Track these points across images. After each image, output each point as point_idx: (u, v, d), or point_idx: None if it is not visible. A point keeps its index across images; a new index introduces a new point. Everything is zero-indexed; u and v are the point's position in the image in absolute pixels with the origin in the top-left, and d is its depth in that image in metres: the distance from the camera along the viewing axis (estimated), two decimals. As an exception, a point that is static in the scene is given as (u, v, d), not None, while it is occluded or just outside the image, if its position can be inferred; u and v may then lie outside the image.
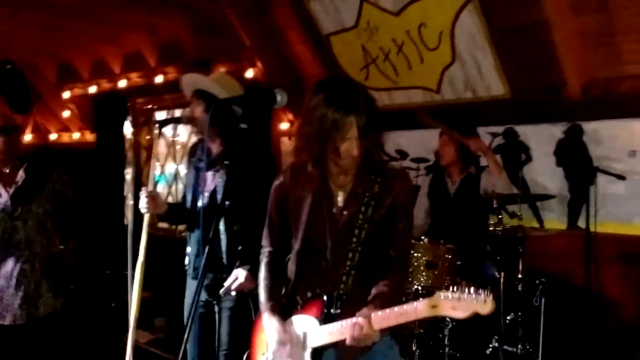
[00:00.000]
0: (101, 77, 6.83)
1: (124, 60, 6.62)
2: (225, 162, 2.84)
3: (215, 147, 2.92)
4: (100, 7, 5.13)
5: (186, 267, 3.05)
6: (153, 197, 2.70)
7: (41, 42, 6.29)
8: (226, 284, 2.80)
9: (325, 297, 2.05)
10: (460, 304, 1.74)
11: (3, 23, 5.40)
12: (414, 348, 3.60)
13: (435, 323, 3.60)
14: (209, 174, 2.91)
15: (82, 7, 5.08)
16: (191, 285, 3.03)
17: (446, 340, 3.54)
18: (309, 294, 2.13)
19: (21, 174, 3.25)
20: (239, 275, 2.79)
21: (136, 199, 2.74)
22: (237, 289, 2.79)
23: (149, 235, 2.64)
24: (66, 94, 7.28)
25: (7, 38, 5.93)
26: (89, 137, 7.53)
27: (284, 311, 2.16)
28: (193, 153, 3.04)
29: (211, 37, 5.54)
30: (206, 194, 2.89)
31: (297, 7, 4.76)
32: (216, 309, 2.90)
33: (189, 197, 3.00)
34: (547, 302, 3.62)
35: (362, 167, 2.07)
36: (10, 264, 3.18)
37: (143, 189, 2.72)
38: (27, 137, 8.02)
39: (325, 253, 2.10)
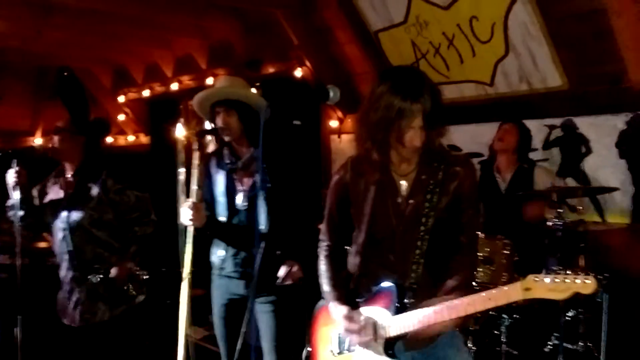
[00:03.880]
0: (154, 81, 6.99)
1: (176, 64, 6.75)
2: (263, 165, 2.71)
3: (243, 151, 2.87)
4: (152, 13, 5.25)
5: (215, 271, 2.94)
6: (197, 208, 2.63)
7: (97, 48, 6.51)
8: (281, 274, 2.78)
9: (395, 288, 2.01)
10: (558, 285, 1.68)
11: (60, 32, 5.60)
12: (469, 345, 3.52)
13: (491, 319, 3.51)
14: (244, 177, 2.86)
15: (135, 13, 5.22)
16: (219, 284, 2.93)
17: (503, 337, 3.45)
18: (374, 287, 2.09)
19: (73, 181, 3.20)
20: (291, 266, 2.78)
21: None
22: (293, 280, 2.78)
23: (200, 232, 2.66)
24: (121, 98, 7.48)
25: (64, 46, 6.14)
26: (144, 139, 7.73)
27: (348, 302, 2.13)
28: (218, 159, 2.94)
29: (260, 38, 5.59)
30: (241, 195, 2.84)
31: (345, 5, 4.74)
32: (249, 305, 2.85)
33: (223, 200, 2.89)
34: (611, 299, 3.47)
35: (424, 155, 2.05)
36: (64, 269, 3.20)
37: (187, 200, 2.64)
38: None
39: (392, 244, 2.07)
